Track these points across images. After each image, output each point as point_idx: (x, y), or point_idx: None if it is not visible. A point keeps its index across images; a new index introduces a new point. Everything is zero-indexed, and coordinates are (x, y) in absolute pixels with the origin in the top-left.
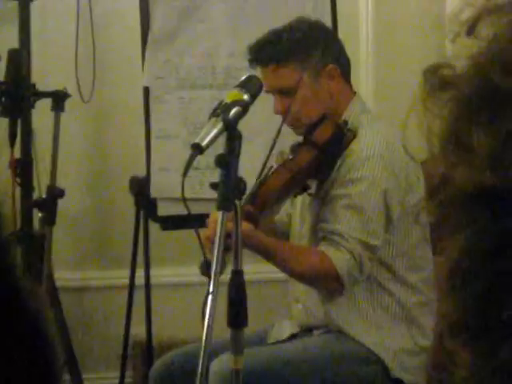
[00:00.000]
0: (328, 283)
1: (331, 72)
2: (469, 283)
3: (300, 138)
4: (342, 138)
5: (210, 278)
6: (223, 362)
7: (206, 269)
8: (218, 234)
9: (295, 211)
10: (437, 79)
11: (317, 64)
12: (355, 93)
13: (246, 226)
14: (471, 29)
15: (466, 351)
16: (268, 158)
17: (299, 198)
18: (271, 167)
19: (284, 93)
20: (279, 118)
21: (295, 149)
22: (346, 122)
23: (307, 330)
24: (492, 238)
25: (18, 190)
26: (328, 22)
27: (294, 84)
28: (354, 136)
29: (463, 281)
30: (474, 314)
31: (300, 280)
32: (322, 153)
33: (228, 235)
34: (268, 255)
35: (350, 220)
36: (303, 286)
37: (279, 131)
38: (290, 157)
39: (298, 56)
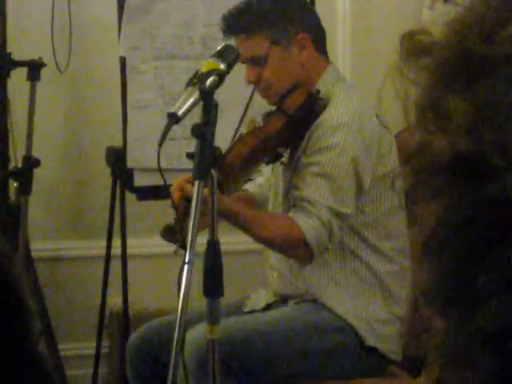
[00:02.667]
0: (296, 250)
1: (302, 41)
2: (444, 250)
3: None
4: (313, 106)
5: (169, 241)
6: (199, 332)
7: (167, 233)
8: (193, 205)
9: (271, 180)
10: (413, 45)
11: (287, 33)
12: (330, 62)
13: (209, 190)
14: None
15: (441, 318)
16: (239, 125)
17: (273, 167)
18: (240, 134)
19: (254, 62)
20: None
21: (266, 116)
22: (318, 91)
23: (282, 301)
24: (469, 205)
25: None
26: None
27: (264, 53)
28: (326, 105)
29: (438, 248)
30: (448, 280)
31: (268, 246)
32: (293, 120)
33: (187, 200)
34: (234, 220)
35: (320, 187)
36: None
37: (250, 99)
38: (260, 124)
39: (267, 26)
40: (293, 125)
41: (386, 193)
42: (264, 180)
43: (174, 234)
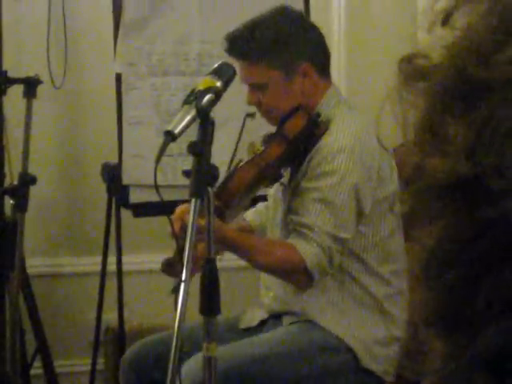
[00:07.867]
0: (296, 276)
1: (305, 70)
2: (444, 273)
3: (273, 128)
4: (313, 130)
5: (170, 275)
6: (194, 365)
7: (167, 266)
8: (190, 222)
9: (269, 200)
10: (412, 69)
11: (290, 63)
12: (331, 84)
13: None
14: (447, 18)
15: (441, 341)
16: (235, 152)
17: (272, 187)
18: (240, 161)
19: (256, 87)
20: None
21: (266, 140)
22: (318, 114)
23: (277, 316)
24: (467, 228)
25: None
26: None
27: (265, 81)
28: (326, 128)
29: (438, 271)
30: (448, 304)
31: (268, 272)
32: (293, 146)
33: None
34: (234, 248)
35: (320, 213)
36: None
37: (242, 129)
38: (261, 149)
39: (270, 55)
40: (293, 149)
41: (385, 216)
42: (264, 207)
43: (175, 266)
